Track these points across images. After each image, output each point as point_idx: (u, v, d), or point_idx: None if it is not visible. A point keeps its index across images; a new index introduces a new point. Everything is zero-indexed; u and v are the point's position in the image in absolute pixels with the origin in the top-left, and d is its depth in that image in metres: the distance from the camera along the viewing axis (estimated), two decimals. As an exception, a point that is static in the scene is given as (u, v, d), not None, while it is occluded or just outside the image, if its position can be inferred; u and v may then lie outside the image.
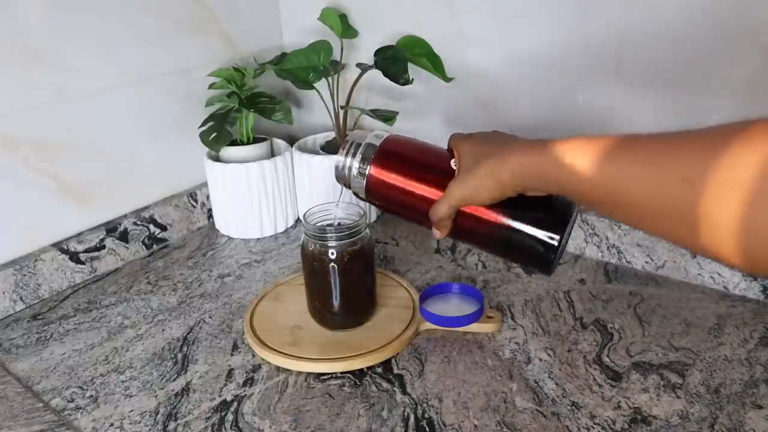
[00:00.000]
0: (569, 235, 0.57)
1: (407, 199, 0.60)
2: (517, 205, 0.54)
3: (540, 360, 0.67)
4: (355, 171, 0.61)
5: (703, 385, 0.63)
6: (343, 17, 0.93)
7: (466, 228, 0.58)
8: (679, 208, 0.38)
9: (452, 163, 0.58)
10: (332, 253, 0.67)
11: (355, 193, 0.63)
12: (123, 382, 0.67)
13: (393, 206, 0.62)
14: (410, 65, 0.89)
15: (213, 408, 0.63)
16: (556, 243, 0.54)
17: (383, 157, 0.60)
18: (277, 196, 0.94)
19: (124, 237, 0.89)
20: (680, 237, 0.39)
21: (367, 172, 0.60)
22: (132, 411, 0.63)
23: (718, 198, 0.36)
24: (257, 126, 0.97)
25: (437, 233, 0.58)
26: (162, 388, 0.65)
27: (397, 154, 0.61)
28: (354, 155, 0.61)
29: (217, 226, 0.98)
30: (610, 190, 0.43)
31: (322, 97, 0.92)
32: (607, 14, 0.75)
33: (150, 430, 0.60)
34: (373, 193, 0.62)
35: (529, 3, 0.80)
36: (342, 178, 0.63)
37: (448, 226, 0.57)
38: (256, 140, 0.95)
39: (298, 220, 1.00)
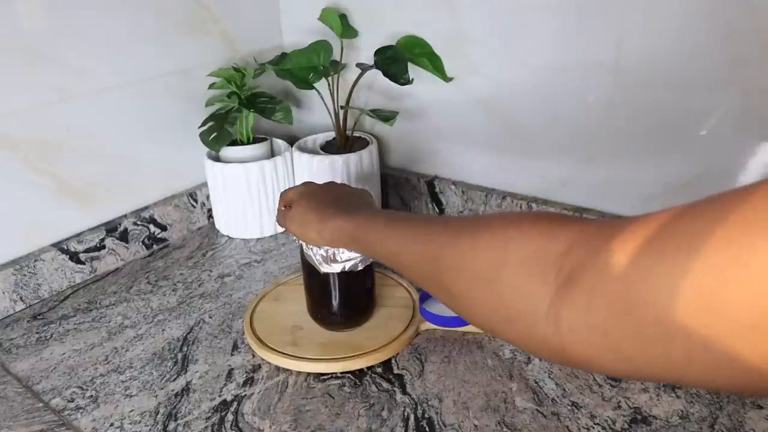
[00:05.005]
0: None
1: None
2: None
3: (540, 360, 0.67)
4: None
5: (703, 385, 0.63)
6: (343, 17, 0.93)
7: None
8: (433, 281, 0.48)
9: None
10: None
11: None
12: (123, 382, 0.67)
13: None
14: (410, 65, 0.89)
15: (213, 408, 0.63)
16: None
17: None
18: (277, 196, 0.94)
19: (124, 237, 0.89)
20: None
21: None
22: (132, 411, 0.63)
23: (452, 276, 0.44)
24: (257, 126, 0.97)
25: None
26: (162, 388, 0.65)
27: None
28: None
29: (217, 226, 0.98)
30: (393, 262, 0.54)
31: (322, 97, 0.92)
32: (608, 13, 0.75)
33: (150, 430, 0.60)
34: None
35: (530, 3, 0.80)
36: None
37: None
38: (256, 140, 0.95)
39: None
